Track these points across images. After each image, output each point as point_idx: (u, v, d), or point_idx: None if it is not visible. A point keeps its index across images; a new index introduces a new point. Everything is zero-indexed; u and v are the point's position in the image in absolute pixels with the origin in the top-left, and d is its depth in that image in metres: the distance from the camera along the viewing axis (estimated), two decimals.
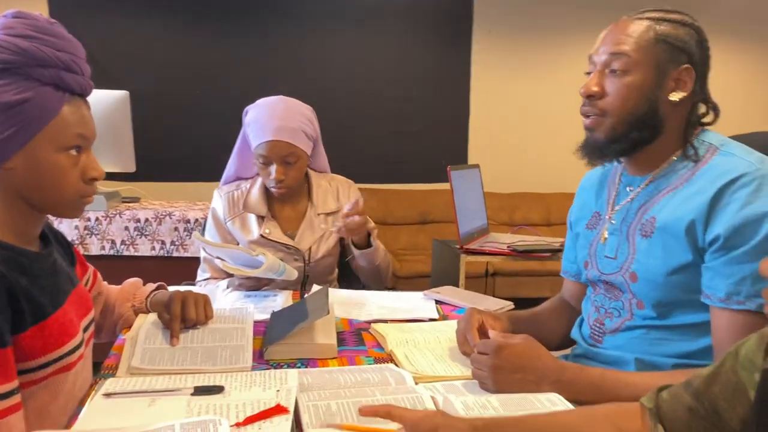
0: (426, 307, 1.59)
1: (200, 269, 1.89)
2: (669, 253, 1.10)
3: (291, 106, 1.78)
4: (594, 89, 1.15)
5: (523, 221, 4.66)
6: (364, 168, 4.62)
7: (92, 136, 1.04)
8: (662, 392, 0.83)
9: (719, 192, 1.04)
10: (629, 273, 1.17)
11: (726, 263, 1.02)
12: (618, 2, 4.90)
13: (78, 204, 1.04)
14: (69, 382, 1.02)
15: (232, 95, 4.36)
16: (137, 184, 3.26)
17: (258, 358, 1.20)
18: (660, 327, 1.14)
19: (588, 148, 1.20)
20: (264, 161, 1.75)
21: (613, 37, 1.15)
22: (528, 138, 4.96)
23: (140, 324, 1.29)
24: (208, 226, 1.90)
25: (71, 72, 0.98)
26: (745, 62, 5.14)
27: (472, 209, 2.55)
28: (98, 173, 1.04)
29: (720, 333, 1.04)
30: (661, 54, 1.11)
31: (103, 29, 4.20)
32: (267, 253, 1.59)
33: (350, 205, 1.67)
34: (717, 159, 1.11)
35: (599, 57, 1.16)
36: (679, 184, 1.13)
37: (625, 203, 1.22)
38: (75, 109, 0.99)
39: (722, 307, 1.03)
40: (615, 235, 1.23)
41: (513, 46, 4.88)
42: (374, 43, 4.67)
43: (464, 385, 1.08)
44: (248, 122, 1.78)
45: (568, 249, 1.45)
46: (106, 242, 2.68)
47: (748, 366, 0.74)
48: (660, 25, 1.13)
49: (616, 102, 1.13)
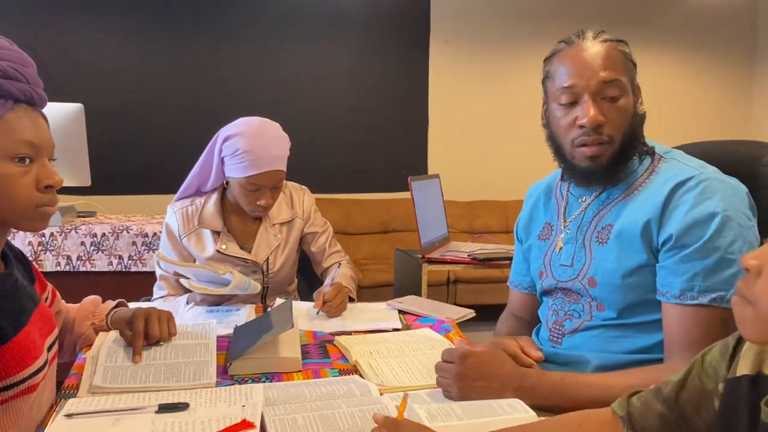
0: (389, 317, 1.61)
1: (156, 287, 1.86)
2: (625, 256, 1.15)
3: (276, 133, 1.78)
4: (601, 118, 1.14)
5: (482, 228, 4.74)
6: (324, 178, 4.63)
7: (44, 144, 1.01)
8: (633, 398, 0.85)
9: (669, 195, 1.11)
10: (587, 279, 1.21)
11: (679, 261, 1.08)
12: (566, 14, 5.09)
13: (36, 214, 1.01)
14: (30, 404, 1.00)
15: (187, 106, 4.34)
16: (93, 198, 3.19)
17: (222, 373, 1.20)
18: (617, 326, 1.19)
19: (584, 174, 1.20)
20: (253, 189, 1.73)
21: (594, 64, 1.14)
22: (486, 146, 5.05)
23: (101, 342, 1.28)
24: (162, 242, 1.86)
25: (11, 79, 0.96)
26: (689, 72, 5.33)
27: (432, 219, 2.59)
28: (54, 181, 1.01)
29: (673, 328, 1.10)
30: (630, 72, 1.18)
31: (56, 41, 4.12)
32: (234, 271, 1.59)
33: (322, 304, 1.62)
34: (663, 165, 1.19)
35: (586, 84, 1.14)
36: (631, 192, 1.19)
37: (579, 213, 1.27)
38: (21, 116, 0.97)
39: (676, 303, 1.09)
40: (570, 244, 1.27)
41: (469, 56, 4.97)
42: (333, 53, 4.69)
43: (429, 394, 1.10)
44: (234, 151, 1.71)
45: (517, 262, 1.48)
46: (61, 258, 2.62)
47: (713, 374, 0.78)
48: (620, 45, 1.18)
49: (617, 127, 1.15)
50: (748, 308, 0.66)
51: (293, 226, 1.91)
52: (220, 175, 1.80)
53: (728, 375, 0.75)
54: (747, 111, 5.54)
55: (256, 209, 1.78)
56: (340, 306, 1.63)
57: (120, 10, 4.25)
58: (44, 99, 1.03)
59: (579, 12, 5.02)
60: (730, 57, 5.40)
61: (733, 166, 1.20)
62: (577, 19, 4.98)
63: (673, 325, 1.10)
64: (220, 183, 1.84)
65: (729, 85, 5.45)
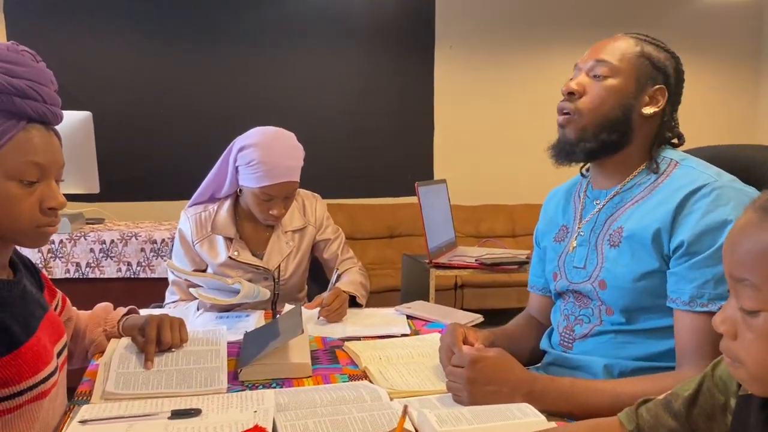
0: (398, 322, 1.62)
1: (168, 291, 1.88)
2: (636, 260, 1.15)
3: (291, 143, 1.80)
4: (574, 87, 1.21)
5: (489, 233, 4.74)
6: (331, 183, 4.63)
7: (53, 166, 1.01)
8: (641, 410, 0.84)
9: (682, 201, 1.11)
10: (598, 281, 1.21)
11: (689, 268, 1.08)
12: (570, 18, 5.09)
13: (36, 234, 1.02)
14: (44, 408, 1.01)
15: (195, 113, 4.37)
16: (101, 205, 3.22)
17: (232, 379, 1.21)
18: (627, 331, 1.19)
19: (558, 147, 1.26)
20: (267, 198, 1.75)
21: (601, 47, 1.23)
22: (492, 150, 5.05)
23: (113, 349, 1.29)
24: (175, 248, 1.89)
25: (27, 98, 0.96)
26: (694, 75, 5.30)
27: (439, 224, 2.60)
28: (57, 203, 1.01)
29: (683, 335, 1.09)
30: (642, 68, 1.20)
31: (64, 50, 4.15)
32: (242, 280, 1.60)
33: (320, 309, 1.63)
34: (677, 172, 1.18)
35: (585, 63, 1.24)
36: (643, 196, 1.20)
37: (593, 215, 1.28)
38: (33, 136, 0.97)
39: (686, 310, 1.08)
40: (583, 245, 1.27)
41: (474, 61, 4.98)
42: (338, 59, 4.71)
43: (438, 399, 1.10)
44: (248, 161, 1.73)
45: (534, 265, 1.49)
46: (70, 265, 2.64)
47: (723, 388, 0.77)
48: (645, 44, 1.22)
49: (592, 102, 1.20)
50: (740, 369, 0.66)
51: (305, 233, 1.92)
52: (234, 183, 1.81)
53: (740, 391, 0.75)
54: (753, 114, 5.52)
55: (268, 218, 1.80)
56: (338, 311, 1.62)
57: (128, 19, 4.29)
58: (59, 116, 1.03)
59: (583, 16, 5.02)
60: (735, 60, 5.39)
61: (742, 170, 1.20)
62: (582, 23, 4.99)
63: (683, 332, 1.09)
64: (233, 190, 1.86)
65: (735, 89, 5.43)
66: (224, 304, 1.61)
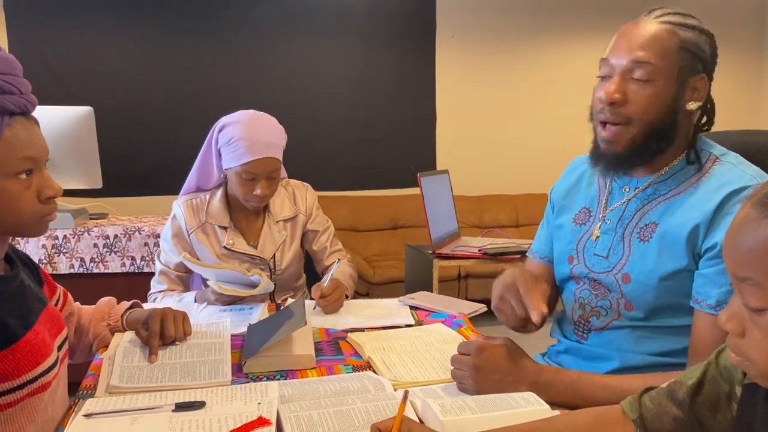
0: (401, 313, 1.62)
1: (155, 280, 1.86)
2: (666, 258, 1.12)
3: (272, 123, 1.80)
4: (616, 96, 1.11)
5: (492, 223, 4.74)
6: (333, 175, 4.65)
7: (42, 155, 1.02)
8: (644, 398, 0.83)
9: (723, 201, 1.06)
10: (622, 274, 1.18)
11: (719, 272, 1.04)
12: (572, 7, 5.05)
13: (39, 224, 1.03)
14: (45, 402, 1.02)
15: (196, 107, 4.36)
16: (104, 200, 3.22)
17: (237, 371, 1.21)
18: (645, 327, 1.17)
19: (604, 159, 1.17)
20: (249, 177, 1.74)
21: (635, 42, 1.11)
22: (494, 140, 5.04)
23: (117, 343, 1.29)
24: (167, 236, 1.85)
25: (6, 94, 0.95)
26: None
27: (442, 214, 2.59)
28: (54, 191, 1.03)
29: (702, 335, 1.07)
30: (682, 62, 1.11)
31: (65, 45, 4.15)
32: (261, 272, 1.60)
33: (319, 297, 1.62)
34: (718, 168, 1.13)
35: (618, 61, 1.12)
36: (679, 192, 1.14)
37: (621, 204, 1.22)
38: (18, 131, 0.97)
39: (710, 313, 1.05)
40: (608, 234, 1.22)
41: (476, 50, 4.96)
42: (339, 50, 4.69)
43: (442, 388, 1.10)
44: (229, 140, 1.74)
45: (544, 234, 1.42)
46: (75, 260, 2.64)
47: (728, 377, 0.77)
48: (683, 31, 1.12)
49: (640, 110, 1.10)
50: (750, 367, 0.66)
51: (297, 222, 1.92)
52: (219, 168, 1.81)
53: (745, 380, 0.74)
54: (757, 102, 5.49)
55: (252, 199, 1.78)
56: (336, 303, 1.62)
57: (128, 14, 4.27)
58: (35, 103, 1.02)
59: (586, 4, 4.99)
60: (739, 48, 5.35)
61: (750, 156, 1.17)
62: (584, 13, 4.96)
63: (703, 333, 1.07)
64: (221, 177, 1.85)
65: (739, 77, 5.39)
66: (243, 295, 1.61)
